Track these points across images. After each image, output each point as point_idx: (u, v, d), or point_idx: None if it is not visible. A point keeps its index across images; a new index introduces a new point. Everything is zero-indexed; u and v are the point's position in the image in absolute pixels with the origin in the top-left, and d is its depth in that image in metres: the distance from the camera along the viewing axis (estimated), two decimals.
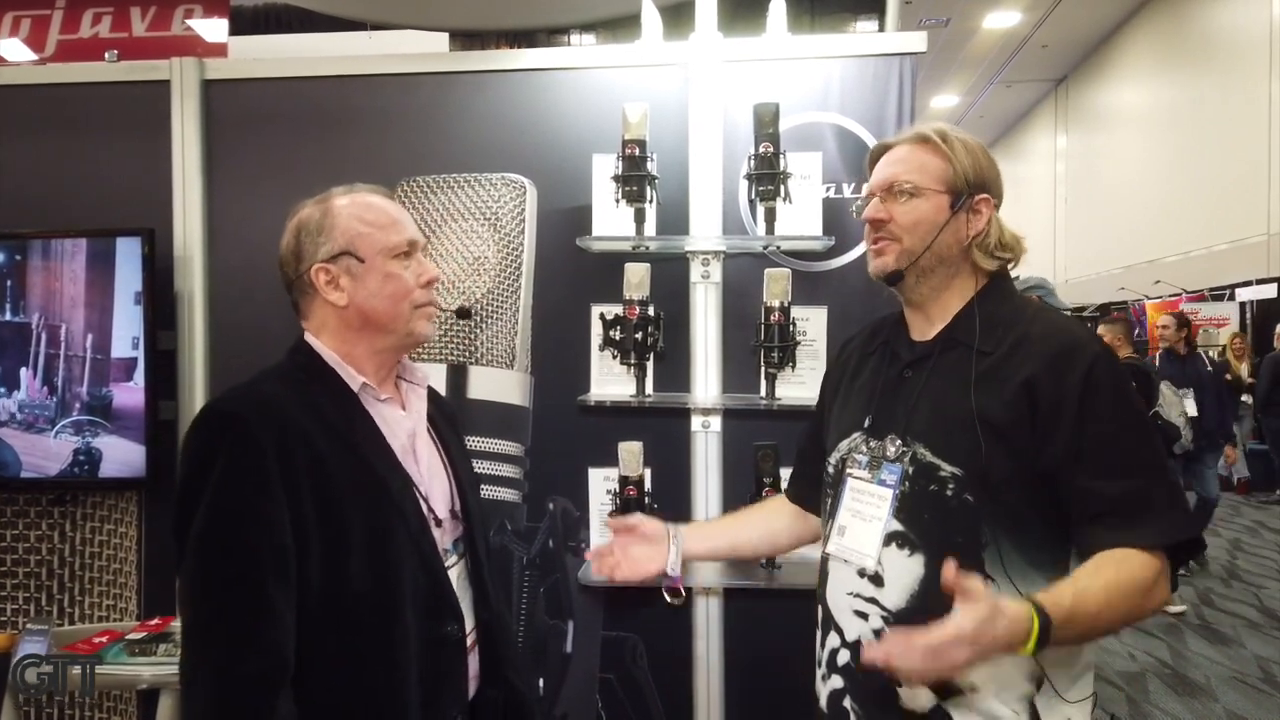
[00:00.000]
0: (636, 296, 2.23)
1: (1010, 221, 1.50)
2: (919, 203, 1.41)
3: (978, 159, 1.42)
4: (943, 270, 1.42)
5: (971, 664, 1.14)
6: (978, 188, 1.41)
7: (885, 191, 1.44)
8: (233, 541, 1.20)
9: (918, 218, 1.40)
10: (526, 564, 2.38)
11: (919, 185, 1.41)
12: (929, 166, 1.41)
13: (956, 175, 1.40)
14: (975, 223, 1.41)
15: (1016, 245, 1.44)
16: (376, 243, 1.36)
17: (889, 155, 1.47)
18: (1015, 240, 1.44)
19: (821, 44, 2.38)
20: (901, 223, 1.42)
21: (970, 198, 1.40)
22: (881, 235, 1.45)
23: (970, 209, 1.41)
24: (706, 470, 2.30)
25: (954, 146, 1.41)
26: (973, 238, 1.41)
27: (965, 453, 1.30)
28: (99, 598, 2.50)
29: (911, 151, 1.44)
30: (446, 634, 1.36)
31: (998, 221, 1.43)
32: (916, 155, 1.43)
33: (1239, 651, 4.92)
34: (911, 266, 1.42)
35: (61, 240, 2.38)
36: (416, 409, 1.47)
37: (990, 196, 1.42)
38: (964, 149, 1.42)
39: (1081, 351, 1.29)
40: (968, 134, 1.46)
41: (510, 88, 2.41)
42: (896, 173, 1.43)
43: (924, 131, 1.45)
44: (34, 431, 2.39)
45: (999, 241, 1.41)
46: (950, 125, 1.47)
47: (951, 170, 1.40)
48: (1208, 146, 10.90)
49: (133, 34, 4.07)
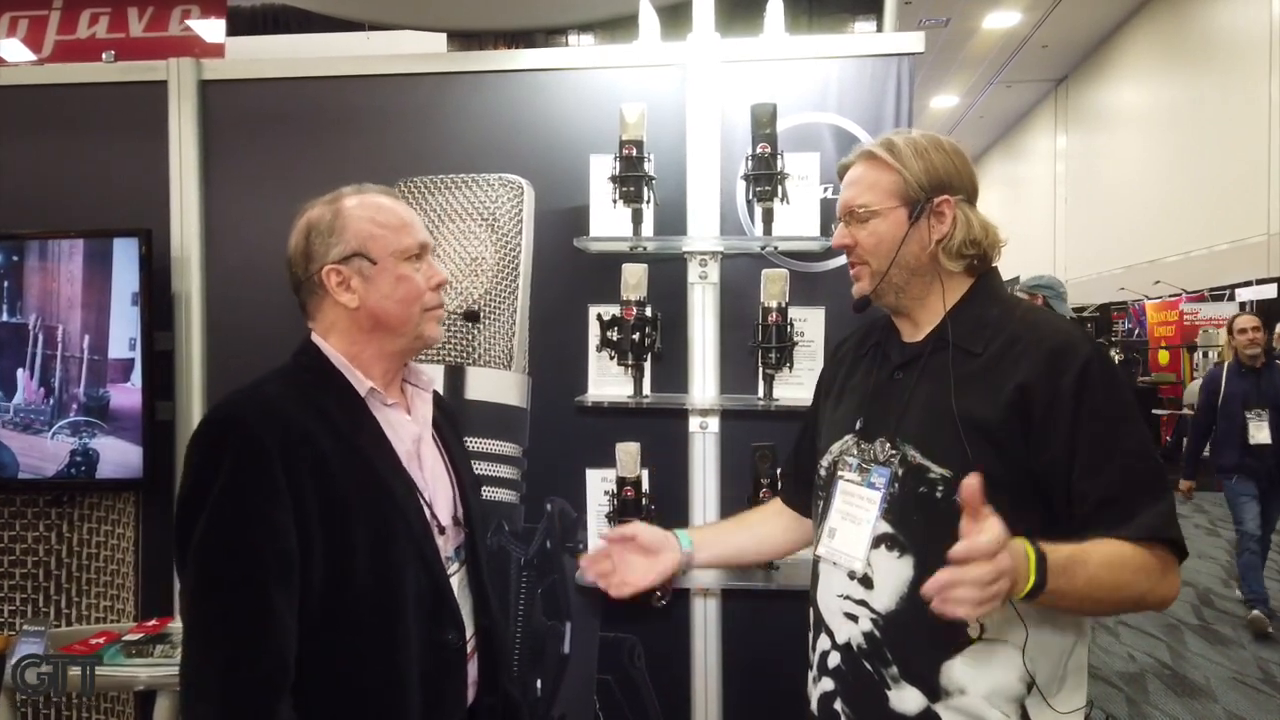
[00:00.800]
0: (634, 297, 2.23)
1: (1010, 221, 1.49)
2: (877, 223, 1.40)
3: (930, 161, 1.39)
4: (919, 280, 1.41)
5: (1004, 587, 1.08)
6: (936, 190, 1.38)
7: (848, 215, 1.44)
8: (237, 545, 1.20)
9: (879, 238, 1.40)
10: (524, 565, 2.38)
11: (872, 205, 1.41)
12: (880, 183, 1.40)
13: (909, 185, 1.38)
14: (940, 226, 1.39)
15: (987, 237, 1.39)
16: (389, 245, 1.35)
17: (846, 176, 1.47)
18: (986, 231, 1.40)
19: (819, 44, 2.38)
20: (865, 246, 1.42)
21: (929, 203, 1.38)
22: (853, 260, 1.46)
23: (931, 213, 1.38)
24: (704, 471, 2.30)
25: (901, 155, 1.39)
26: (938, 241, 1.38)
27: (954, 454, 1.29)
28: (96, 599, 2.50)
29: (863, 171, 1.43)
30: (447, 641, 1.36)
31: (965, 217, 1.39)
32: (868, 174, 1.42)
33: (1239, 652, 4.91)
34: (885, 285, 1.42)
35: (59, 241, 2.38)
36: (422, 414, 1.46)
37: (952, 195, 1.39)
38: (914, 154, 1.39)
39: (1074, 352, 1.28)
40: (922, 134, 1.43)
41: (508, 88, 2.41)
42: (852, 196, 1.44)
43: (869, 148, 1.44)
44: (31, 432, 2.39)
45: (966, 239, 1.38)
46: (904, 131, 1.46)
47: (903, 181, 1.38)
48: (1208, 146, 10.89)
49: (130, 34, 4.07)
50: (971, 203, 1.42)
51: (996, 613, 1.28)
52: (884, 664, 1.34)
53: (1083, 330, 1.41)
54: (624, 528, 1.60)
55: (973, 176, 1.43)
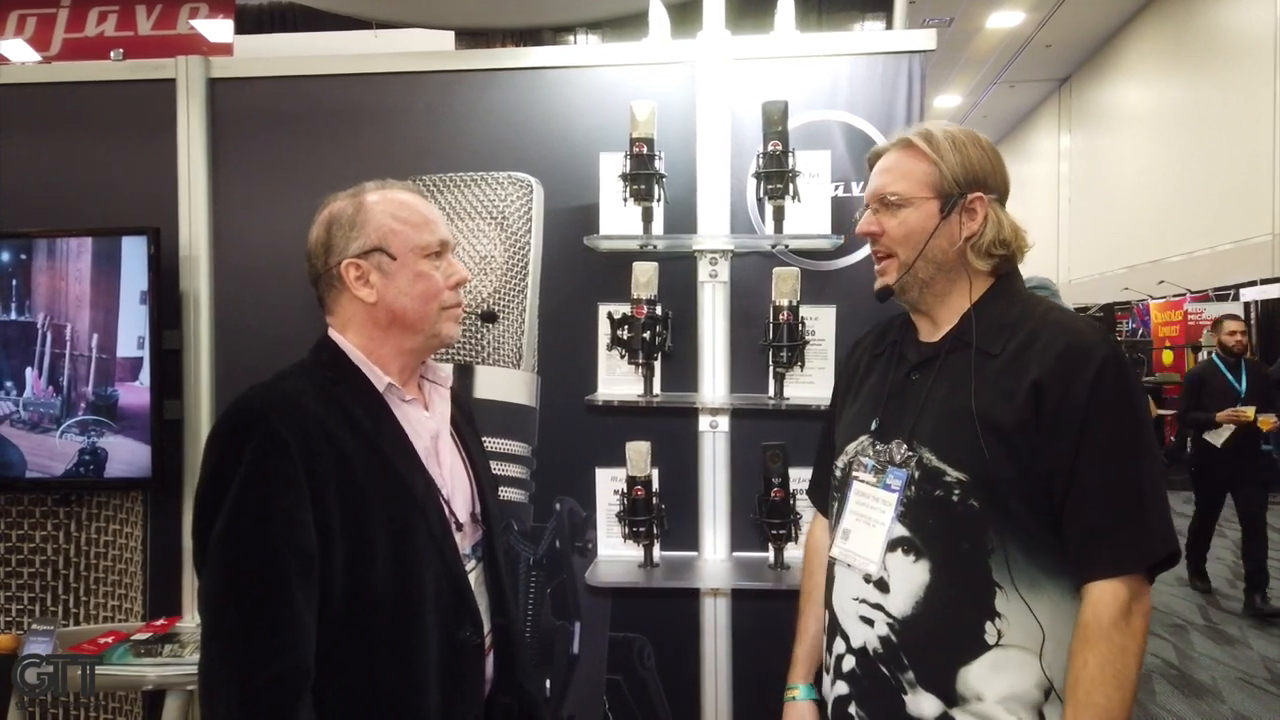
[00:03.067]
0: (644, 296, 2.22)
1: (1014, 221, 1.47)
2: (908, 213, 1.38)
3: (967, 156, 1.37)
4: (943, 276, 1.39)
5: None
6: (970, 186, 1.36)
7: (878, 203, 1.42)
8: (256, 542, 1.18)
9: (908, 229, 1.38)
10: (533, 564, 2.37)
11: (904, 195, 1.38)
12: (915, 173, 1.38)
13: (944, 178, 1.36)
14: (970, 223, 1.37)
15: (1015, 239, 1.38)
16: (409, 241, 1.35)
17: (879, 164, 1.44)
18: (1015, 234, 1.38)
19: (830, 42, 2.37)
20: (893, 235, 1.40)
21: (962, 198, 1.36)
22: (878, 249, 1.43)
23: (963, 209, 1.36)
24: (714, 470, 2.29)
25: (939, 147, 1.37)
26: (967, 239, 1.37)
27: (970, 457, 1.28)
28: (104, 598, 2.49)
29: (898, 159, 1.41)
30: (465, 639, 1.35)
31: (997, 217, 1.37)
32: (903, 162, 1.40)
33: (1245, 652, 4.90)
34: (910, 278, 1.39)
35: (67, 239, 2.37)
36: (440, 410, 1.45)
37: (985, 194, 1.37)
38: (952, 147, 1.37)
39: (1091, 353, 1.26)
40: (961, 129, 1.41)
41: (517, 86, 2.40)
42: (884, 183, 1.41)
43: (907, 135, 1.41)
44: (39, 431, 2.38)
45: (996, 239, 1.36)
46: (943, 123, 1.43)
47: (938, 173, 1.36)
48: (1212, 146, 10.87)
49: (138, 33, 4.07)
50: (1003, 203, 1.40)
51: (1013, 617, 1.28)
52: (900, 669, 1.33)
53: (1102, 330, 1.39)
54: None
55: (1006, 177, 1.41)
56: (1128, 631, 1.22)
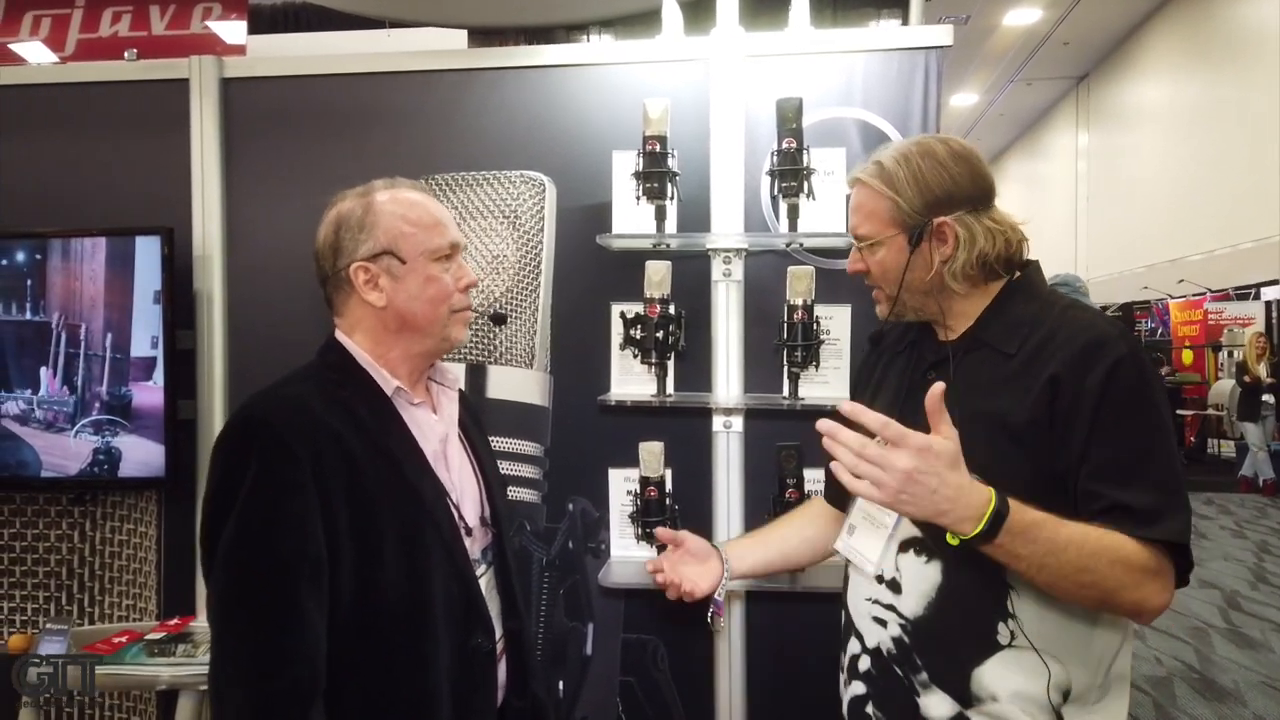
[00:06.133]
0: (657, 295, 2.21)
1: (1031, 220, 1.44)
2: (881, 251, 1.38)
3: (924, 181, 1.32)
4: (933, 299, 1.38)
5: (903, 489, 1.14)
6: (934, 210, 1.32)
7: (857, 242, 1.43)
8: (265, 548, 1.17)
9: (884, 267, 1.39)
10: (546, 565, 2.36)
11: (872, 235, 1.38)
12: (878, 211, 1.37)
13: (903, 211, 1.33)
14: (943, 247, 1.34)
15: (996, 246, 1.32)
16: (419, 244, 1.32)
17: (850, 200, 1.44)
18: (994, 239, 1.32)
19: (845, 38, 2.34)
20: (875, 273, 1.41)
21: (927, 226, 1.33)
22: (869, 283, 1.45)
23: (933, 236, 1.33)
24: (728, 471, 2.27)
25: (893, 180, 1.33)
26: (941, 263, 1.34)
27: (984, 457, 1.25)
28: (118, 597, 2.50)
29: (861, 197, 1.40)
30: (477, 646, 1.33)
31: (969, 235, 1.32)
32: (866, 201, 1.39)
33: (1268, 656, 4.84)
34: (901, 308, 1.40)
35: (81, 239, 2.38)
36: (448, 413, 1.44)
37: (953, 211, 1.32)
38: (908, 178, 1.33)
39: (1107, 350, 1.24)
40: (917, 144, 1.37)
41: (529, 84, 2.39)
42: (854, 224, 1.42)
43: (858, 175, 1.40)
44: (54, 431, 2.39)
45: (972, 258, 1.32)
46: (898, 147, 1.38)
47: (897, 207, 1.34)
48: (1231, 144, 10.76)
49: (152, 33, 4.09)
50: (982, 208, 1.35)
51: (1027, 617, 1.26)
52: (913, 670, 1.32)
53: (1122, 327, 1.36)
54: (677, 532, 1.63)
55: (976, 180, 1.35)
56: (1133, 578, 1.17)
